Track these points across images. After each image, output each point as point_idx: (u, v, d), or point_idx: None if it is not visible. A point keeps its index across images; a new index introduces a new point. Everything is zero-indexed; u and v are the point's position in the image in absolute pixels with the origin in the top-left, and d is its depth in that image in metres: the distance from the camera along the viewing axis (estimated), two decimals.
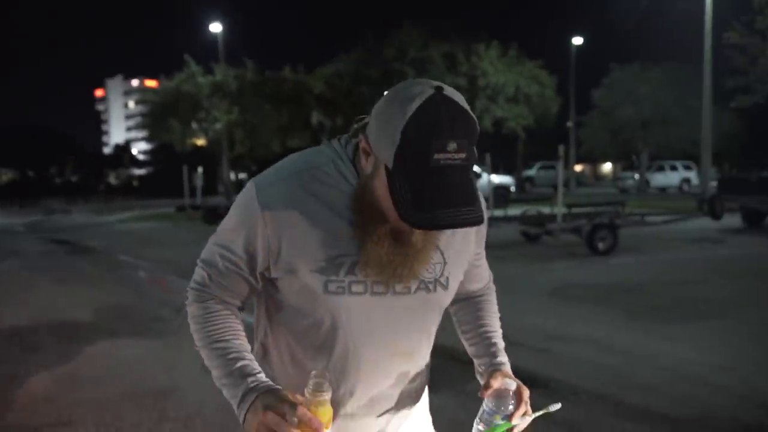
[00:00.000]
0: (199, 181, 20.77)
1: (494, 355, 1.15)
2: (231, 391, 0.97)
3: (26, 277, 8.40)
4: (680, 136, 28.63)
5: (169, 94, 28.58)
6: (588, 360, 4.12)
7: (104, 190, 54.97)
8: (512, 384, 1.05)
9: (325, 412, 0.88)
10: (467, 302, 1.24)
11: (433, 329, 1.13)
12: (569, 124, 32.21)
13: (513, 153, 34.08)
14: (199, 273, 1.07)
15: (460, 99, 0.89)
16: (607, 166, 54.95)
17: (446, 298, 1.09)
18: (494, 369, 1.11)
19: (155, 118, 29.30)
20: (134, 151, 69.63)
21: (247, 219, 0.98)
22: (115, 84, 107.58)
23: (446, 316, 1.20)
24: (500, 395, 1.03)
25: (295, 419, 0.85)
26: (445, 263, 1.05)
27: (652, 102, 28.43)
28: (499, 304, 1.28)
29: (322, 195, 0.96)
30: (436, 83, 0.90)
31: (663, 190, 29.29)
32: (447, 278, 1.07)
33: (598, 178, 53.96)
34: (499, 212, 11.66)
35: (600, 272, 7.53)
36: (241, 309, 1.10)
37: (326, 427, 0.87)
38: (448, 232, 1.03)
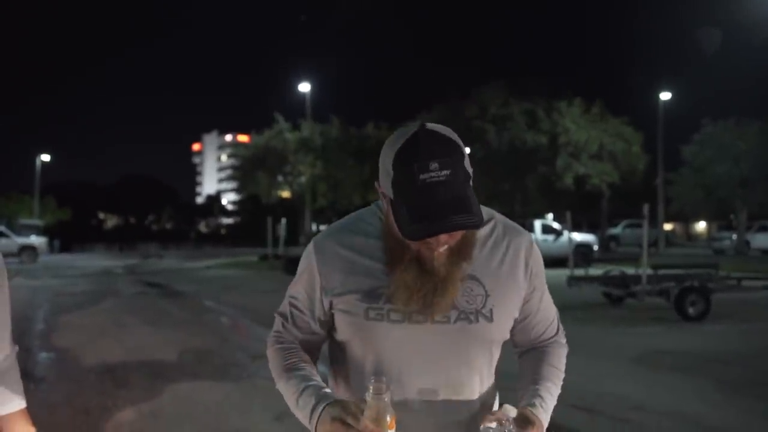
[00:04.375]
0: (282, 232, 21.59)
1: (530, 397, 1.13)
2: (303, 411, 1.06)
3: (121, 317, 9.05)
4: None
5: (258, 148, 30.41)
6: None
7: (195, 238, 58.47)
8: (512, 411, 1.04)
9: (386, 413, 0.97)
10: (529, 353, 1.25)
11: (483, 364, 1.13)
12: (657, 181, 30.82)
13: (597, 210, 32.92)
14: (275, 322, 1.24)
15: (441, 129, 1.03)
16: (700, 225, 51.56)
17: (492, 331, 1.11)
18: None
19: (244, 171, 31.17)
20: (224, 201, 73.69)
21: (306, 265, 1.17)
22: (211, 138, 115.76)
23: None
24: (497, 418, 1.01)
25: (360, 427, 0.95)
26: (487, 295, 1.10)
27: (752, 158, 26.69)
28: (578, 368, 1.27)
29: (362, 240, 1.13)
30: (422, 123, 1.04)
31: (766, 252, 27.02)
32: (491, 311, 1.10)
33: (691, 237, 50.59)
34: (580, 271, 11.21)
35: (690, 339, 7.02)
36: (314, 357, 1.21)
37: (390, 428, 0.97)
38: (484, 262, 1.12)
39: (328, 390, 1.09)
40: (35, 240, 25.92)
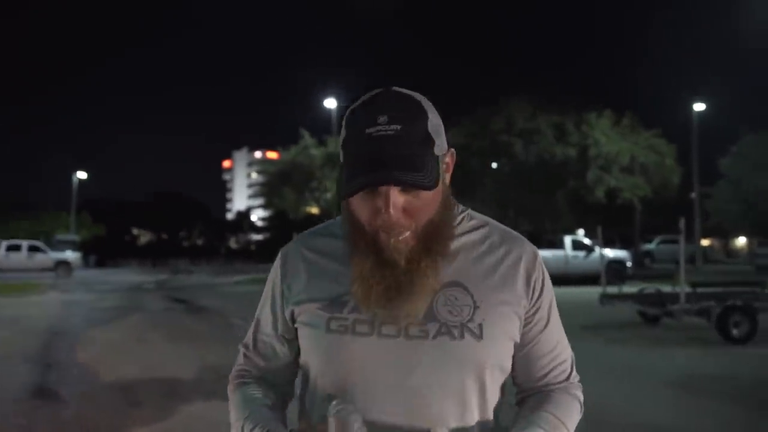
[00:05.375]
0: None
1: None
2: None
3: (144, 333, 9.03)
4: None
5: (284, 164, 30.66)
6: None
7: (225, 253, 59.29)
8: None
9: None
10: (529, 399, 0.99)
11: (471, 395, 0.90)
12: (693, 194, 29.87)
13: (630, 226, 32.06)
14: (239, 355, 1.08)
15: (408, 91, 0.90)
16: (740, 241, 49.75)
17: (482, 351, 0.89)
18: None
19: (271, 187, 31.45)
20: (253, 217, 74.57)
21: (272, 277, 1.04)
22: (241, 155, 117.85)
23: None
24: None
25: None
26: (475, 306, 0.90)
27: None
28: (609, 393, 1.03)
29: (328, 241, 0.99)
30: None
31: None
32: (480, 326, 0.89)
33: (730, 253, 48.83)
34: (612, 289, 10.78)
35: (733, 363, 6.58)
36: (283, 391, 1.04)
37: None
38: (473, 267, 0.93)
39: (280, 427, 0.91)
40: (70, 255, 26.56)
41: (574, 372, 1.02)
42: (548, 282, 0.98)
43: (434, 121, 0.88)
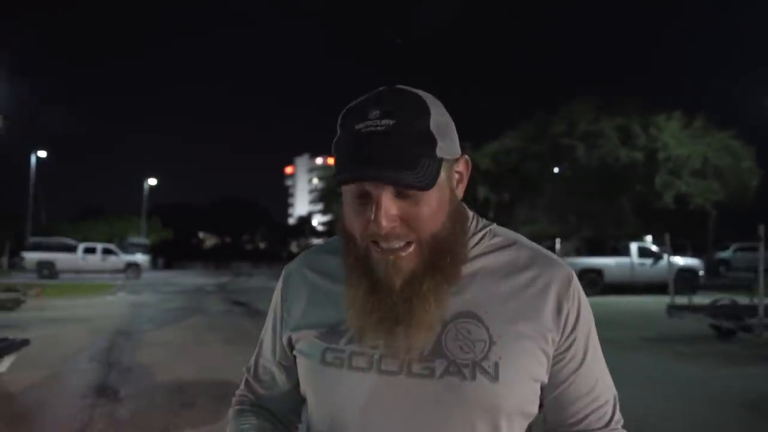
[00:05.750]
0: None
1: None
2: None
3: (202, 335, 9.29)
4: None
5: None
6: None
7: (286, 257, 60.90)
8: None
9: None
10: None
11: None
12: None
13: (703, 232, 30.27)
14: (243, 378, 1.03)
15: (411, 88, 0.80)
16: None
17: (497, 395, 0.77)
18: None
19: (328, 192, 31.99)
20: (314, 222, 76.03)
21: (274, 298, 0.98)
22: (302, 161, 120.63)
23: None
24: None
25: None
26: (491, 342, 0.77)
27: None
28: (676, 414, 0.89)
29: (330, 259, 0.89)
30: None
31: None
32: (495, 364, 0.77)
33: None
34: (682, 300, 10.17)
35: None
36: (284, 422, 0.98)
37: None
38: (491, 295, 0.80)
39: None
40: (139, 258, 27.95)
41: (617, 415, 0.88)
42: (585, 311, 0.85)
43: (439, 121, 0.77)
